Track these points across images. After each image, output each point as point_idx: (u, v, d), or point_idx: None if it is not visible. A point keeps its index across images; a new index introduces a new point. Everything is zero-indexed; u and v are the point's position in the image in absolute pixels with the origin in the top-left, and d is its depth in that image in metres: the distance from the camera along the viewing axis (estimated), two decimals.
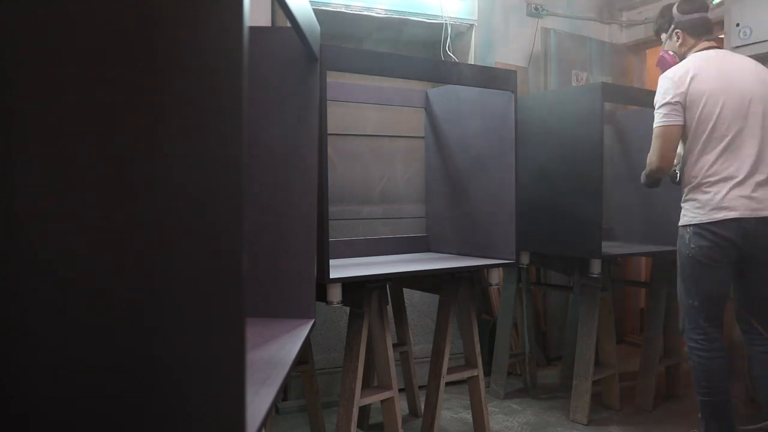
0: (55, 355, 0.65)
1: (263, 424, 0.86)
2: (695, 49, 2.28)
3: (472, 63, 3.37)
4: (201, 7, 0.66)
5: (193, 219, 0.67)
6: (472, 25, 3.43)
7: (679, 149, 2.25)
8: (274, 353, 1.21)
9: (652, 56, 4.43)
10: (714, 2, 3.47)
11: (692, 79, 2.15)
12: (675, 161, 2.28)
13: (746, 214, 2.07)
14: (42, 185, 0.64)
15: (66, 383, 0.66)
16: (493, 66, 3.44)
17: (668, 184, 2.47)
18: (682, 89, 2.15)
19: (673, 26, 2.34)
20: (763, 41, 2.97)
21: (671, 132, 2.17)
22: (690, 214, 2.20)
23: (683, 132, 2.19)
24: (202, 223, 0.67)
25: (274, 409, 2.42)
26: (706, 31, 2.31)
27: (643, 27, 4.00)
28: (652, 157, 2.24)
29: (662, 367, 2.99)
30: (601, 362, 2.89)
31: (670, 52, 2.37)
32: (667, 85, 2.19)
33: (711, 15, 3.51)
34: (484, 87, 2.26)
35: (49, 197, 0.64)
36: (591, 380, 2.72)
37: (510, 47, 3.67)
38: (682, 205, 2.26)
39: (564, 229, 2.69)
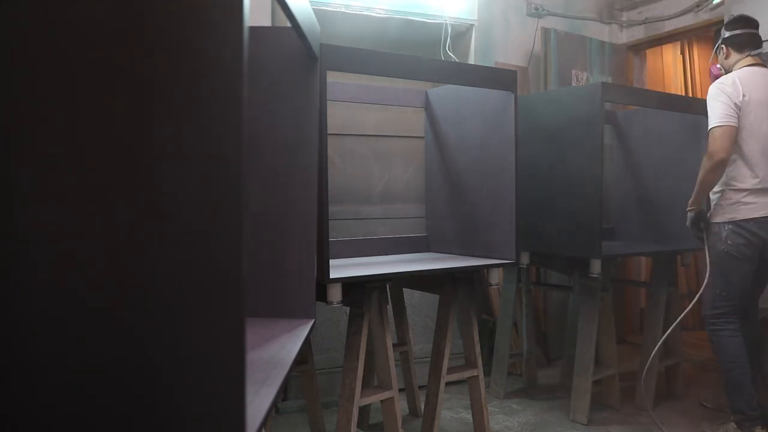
0: (55, 356, 0.65)
1: (263, 424, 0.86)
2: (740, 63, 2.49)
3: (472, 63, 3.37)
4: (201, 7, 0.66)
5: (193, 219, 0.67)
6: (472, 25, 3.43)
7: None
8: (274, 353, 1.21)
9: (652, 56, 4.43)
10: (714, 2, 3.47)
11: (742, 87, 2.40)
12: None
13: None
14: (41, 186, 0.64)
15: (66, 383, 0.66)
16: (493, 66, 3.44)
17: (668, 185, 2.49)
18: (738, 98, 2.39)
19: (720, 42, 2.57)
20: (764, 41, 2.96)
21: (730, 133, 2.39)
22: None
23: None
24: (202, 223, 0.67)
25: (274, 409, 2.41)
26: (750, 46, 2.50)
27: (643, 27, 4.00)
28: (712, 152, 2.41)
29: (662, 367, 2.99)
30: (601, 362, 2.88)
31: (717, 66, 2.60)
32: (723, 90, 2.41)
33: (711, 15, 3.52)
34: (484, 87, 2.26)
35: (48, 198, 0.64)
36: (591, 380, 2.72)
37: (510, 47, 3.67)
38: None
39: (564, 229, 2.69)
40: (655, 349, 2.74)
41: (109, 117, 0.65)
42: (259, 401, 0.93)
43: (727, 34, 2.53)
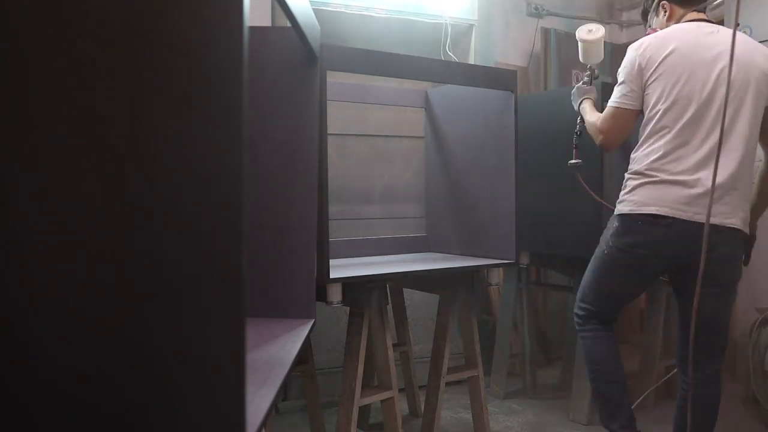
0: (55, 357, 0.65)
1: (263, 424, 0.86)
2: (683, 20, 1.93)
3: (472, 63, 3.37)
4: (201, 7, 0.66)
5: (194, 219, 0.67)
6: (472, 25, 3.43)
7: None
8: (274, 353, 1.21)
9: None
10: (714, 2, 3.47)
11: (657, 52, 1.82)
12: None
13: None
14: (36, 188, 0.64)
15: (66, 383, 0.66)
16: (493, 66, 3.44)
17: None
18: (643, 65, 1.84)
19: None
20: (764, 41, 2.97)
21: (622, 115, 1.94)
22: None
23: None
24: (202, 223, 0.67)
25: (274, 409, 2.41)
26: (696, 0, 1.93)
27: (643, 27, 4.00)
28: (597, 134, 2.02)
29: (662, 367, 2.99)
30: None
31: (658, 29, 2.00)
32: (629, 57, 1.90)
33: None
34: (484, 87, 2.26)
35: (44, 200, 0.64)
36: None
37: (510, 47, 3.67)
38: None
39: (564, 229, 2.69)
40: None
41: (107, 118, 0.65)
42: (259, 401, 0.93)
43: None
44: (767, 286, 3.03)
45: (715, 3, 3.48)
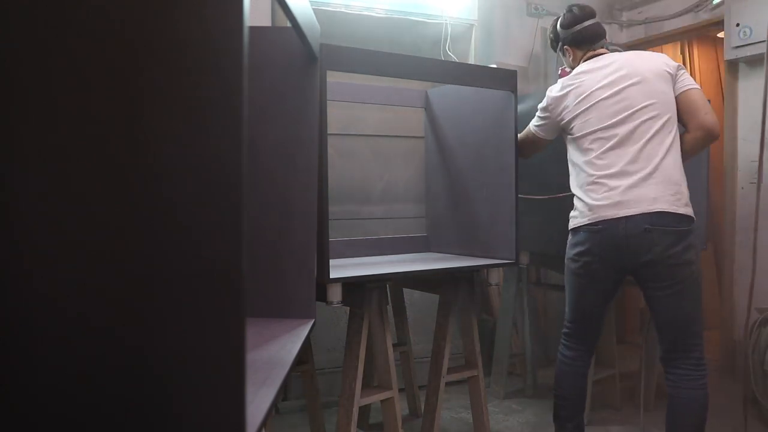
0: (55, 357, 0.65)
1: (263, 424, 0.86)
2: (583, 59, 2.20)
3: (472, 63, 3.37)
4: (201, 7, 0.66)
5: (194, 219, 0.67)
6: (472, 25, 3.43)
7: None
8: (274, 353, 1.21)
9: None
10: (714, 2, 3.47)
11: (567, 95, 2.14)
12: None
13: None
14: (41, 185, 0.64)
15: (66, 384, 0.66)
16: (493, 66, 3.44)
17: None
18: (556, 111, 2.18)
19: (560, 44, 2.30)
20: (763, 41, 2.97)
21: (532, 139, 2.32)
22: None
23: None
24: (202, 223, 0.67)
25: (274, 409, 2.41)
26: (592, 39, 2.20)
27: (643, 27, 4.00)
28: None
29: (662, 366, 2.99)
30: (601, 362, 2.88)
31: (567, 69, 2.31)
32: (546, 100, 2.23)
33: (711, 15, 3.52)
34: (484, 87, 2.26)
35: (48, 197, 0.64)
36: (591, 380, 2.72)
37: (510, 47, 3.67)
38: None
39: (564, 229, 2.68)
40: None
41: (107, 118, 0.65)
42: (259, 401, 0.93)
43: (566, 33, 2.23)
44: (767, 286, 3.03)
45: (714, 3, 3.48)
